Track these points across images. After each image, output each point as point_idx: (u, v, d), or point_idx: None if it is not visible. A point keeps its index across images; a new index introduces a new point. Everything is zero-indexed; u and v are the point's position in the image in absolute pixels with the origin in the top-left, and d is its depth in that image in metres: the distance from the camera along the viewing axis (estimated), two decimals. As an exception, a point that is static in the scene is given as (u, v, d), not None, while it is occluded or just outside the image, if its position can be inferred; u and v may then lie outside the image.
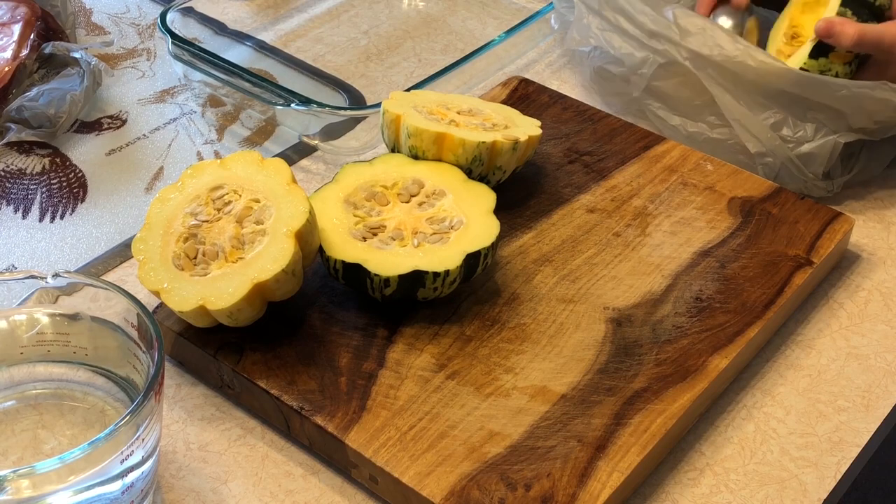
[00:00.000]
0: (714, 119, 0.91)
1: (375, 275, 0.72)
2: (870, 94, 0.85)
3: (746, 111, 0.87)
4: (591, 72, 0.98)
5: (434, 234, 0.76)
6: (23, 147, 0.94)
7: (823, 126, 0.86)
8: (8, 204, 0.89)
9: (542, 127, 0.86)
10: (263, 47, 1.07)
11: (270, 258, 0.69)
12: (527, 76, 1.00)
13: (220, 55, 0.97)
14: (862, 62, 0.89)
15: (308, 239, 0.72)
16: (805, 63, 0.88)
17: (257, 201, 0.73)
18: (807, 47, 0.89)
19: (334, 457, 0.69)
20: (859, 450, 0.72)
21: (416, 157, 0.81)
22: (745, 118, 0.88)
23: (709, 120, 0.91)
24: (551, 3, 1.05)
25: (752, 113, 0.87)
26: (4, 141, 0.93)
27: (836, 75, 0.88)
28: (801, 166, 0.87)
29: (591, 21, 0.95)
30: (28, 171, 0.92)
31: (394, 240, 0.75)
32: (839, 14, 0.89)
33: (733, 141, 0.90)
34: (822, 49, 0.88)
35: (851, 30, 0.86)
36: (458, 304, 0.76)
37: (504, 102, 0.94)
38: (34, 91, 0.93)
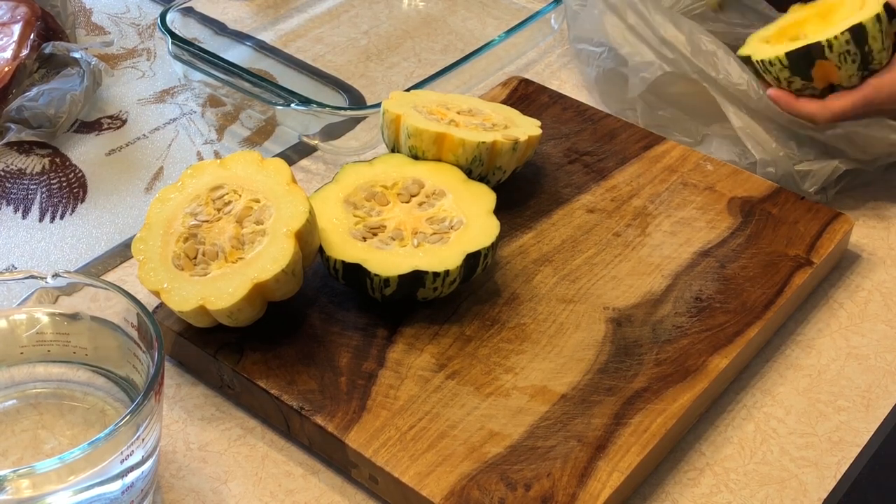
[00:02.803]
0: (720, 126, 0.91)
1: (375, 275, 0.72)
2: (863, 132, 0.86)
3: (753, 122, 0.88)
4: (599, 73, 0.98)
5: (434, 234, 0.76)
6: (23, 147, 0.94)
7: (825, 151, 0.87)
8: (8, 204, 0.89)
9: (542, 127, 0.86)
10: (263, 47, 1.07)
11: (270, 258, 0.69)
12: (527, 76, 1.00)
13: (220, 55, 0.97)
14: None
15: (308, 239, 0.72)
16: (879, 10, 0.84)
17: (257, 201, 0.73)
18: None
19: (334, 457, 0.69)
20: (859, 450, 0.72)
21: (416, 157, 0.81)
22: (750, 128, 0.88)
23: (717, 124, 0.91)
24: (552, 2, 1.05)
25: (759, 125, 0.88)
26: (4, 141, 0.93)
27: (881, 48, 0.85)
28: (799, 181, 0.87)
29: (603, 16, 0.95)
30: (28, 171, 0.92)
31: (394, 240, 0.75)
32: None
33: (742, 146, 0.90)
34: (892, 12, 0.84)
35: None
36: (458, 304, 0.76)
37: (504, 102, 0.94)
38: (34, 91, 0.93)
